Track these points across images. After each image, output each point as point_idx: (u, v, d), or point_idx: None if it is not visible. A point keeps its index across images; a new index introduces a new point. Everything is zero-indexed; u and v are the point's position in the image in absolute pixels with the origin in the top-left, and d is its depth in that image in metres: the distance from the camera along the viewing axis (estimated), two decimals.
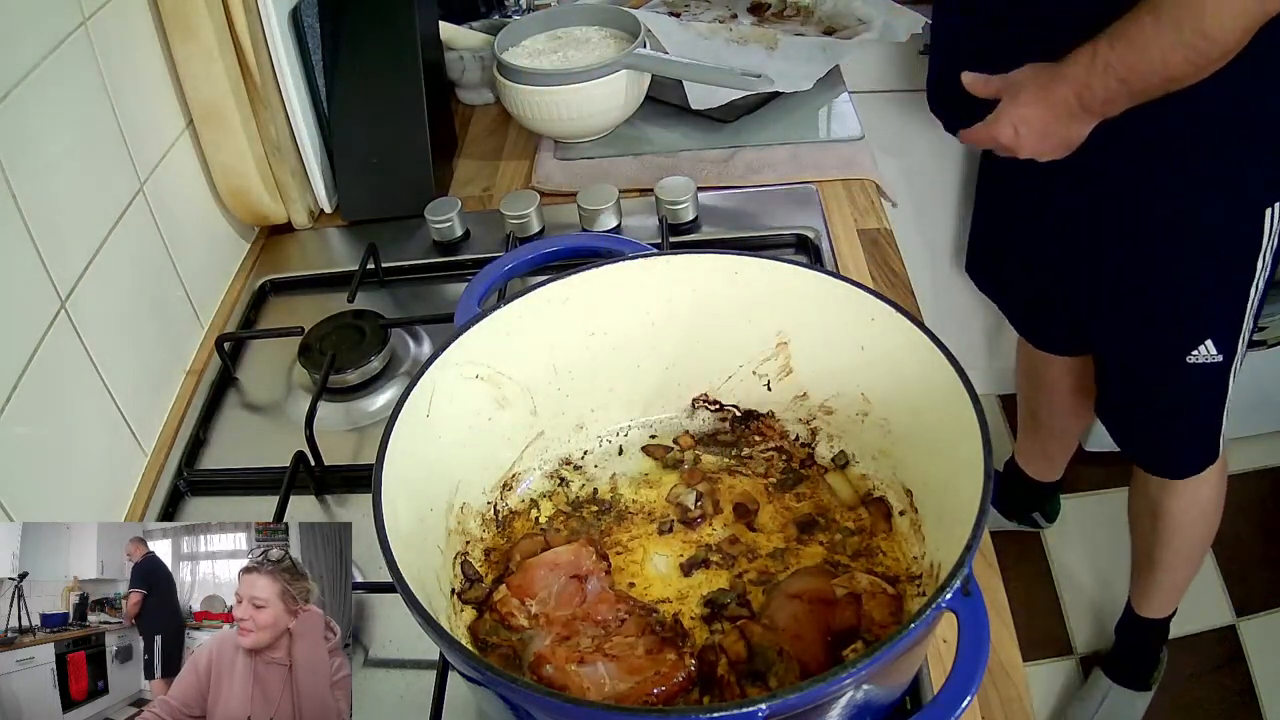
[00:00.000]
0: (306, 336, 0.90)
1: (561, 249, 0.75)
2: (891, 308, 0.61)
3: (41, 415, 0.70)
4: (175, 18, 0.88)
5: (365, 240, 1.01)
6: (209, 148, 0.96)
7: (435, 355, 0.61)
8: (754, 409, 0.71)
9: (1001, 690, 0.64)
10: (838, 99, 1.20)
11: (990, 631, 0.47)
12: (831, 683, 0.43)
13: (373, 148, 1.06)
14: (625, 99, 1.10)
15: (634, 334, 0.69)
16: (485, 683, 0.47)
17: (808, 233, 0.99)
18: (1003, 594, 0.69)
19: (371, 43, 1.04)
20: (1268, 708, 1.61)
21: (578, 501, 0.68)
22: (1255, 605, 1.73)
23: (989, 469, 0.50)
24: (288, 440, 0.81)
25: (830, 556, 0.63)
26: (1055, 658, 1.71)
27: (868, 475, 0.67)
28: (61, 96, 0.75)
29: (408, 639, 0.68)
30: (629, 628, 0.57)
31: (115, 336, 0.81)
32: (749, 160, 1.09)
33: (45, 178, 0.73)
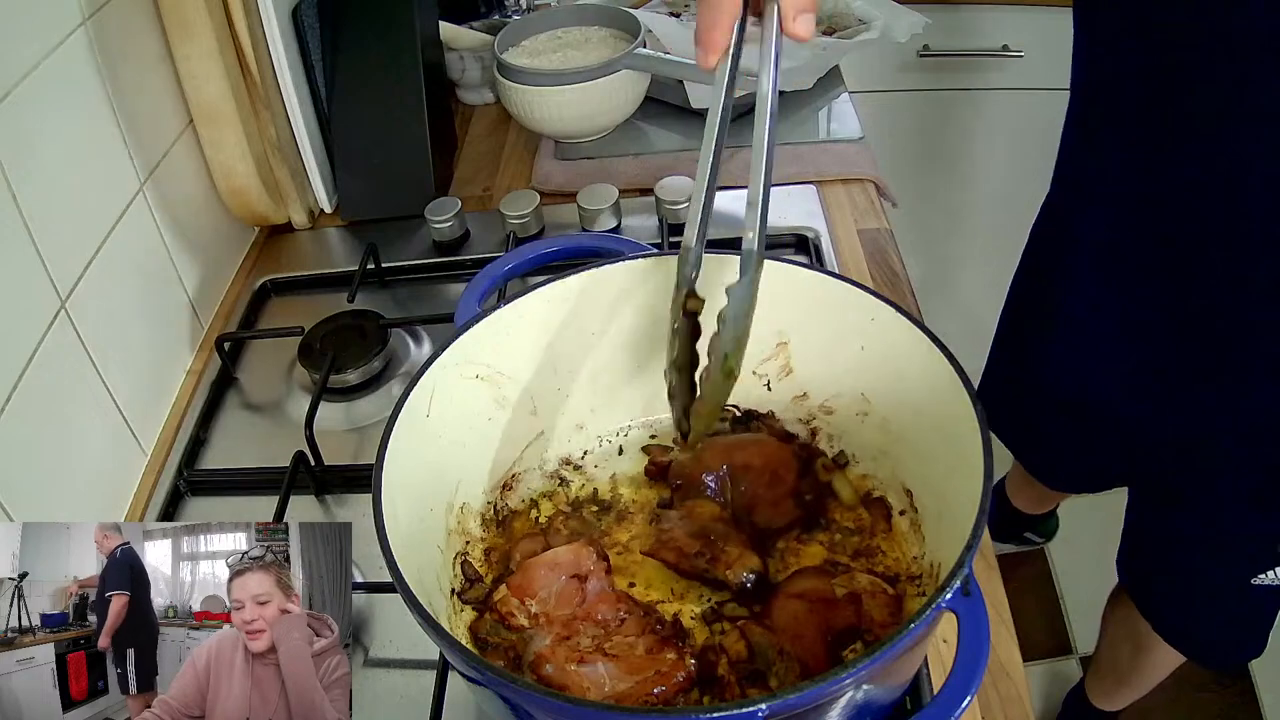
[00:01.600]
0: (306, 336, 0.89)
1: (561, 249, 0.75)
2: (891, 308, 0.61)
3: (41, 415, 0.70)
4: (175, 18, 0.88)
5: (365, 240, 1.01)
6: (209, 148, 0.96)
7: (435, 355, 0.61)
8: (754, 409, 0.71)
9: (1001, 690, 0.64)
10: (838, 99, 1.20)
11: (990, 631, 0.47)
12: (831, 683, 0.43)
13: (373, 148, 1.06)
14: (625, 99, 1.10)
15: (634, 334, 0.69)
16: (485, 683, 0.47)
17: (808, 233, 0.98)
18: (1003, 594, 0.69)
19: (371, 43, 1.04)
20: (1268, 708, 1.61)
21: (578, 501, 0.68)
22: None
23: (989, 469, 0.50)
24: (288, 440, 0.81)
25: (830, 556, 0.63)
26: (1055, 658, 1.71)
27: (868, 475, 0.67)
28: (61, 96, 0.75)
29: (408, 639, 0.68)
30: (629, 627, 0.57)
31: (115, 337, 0.81)
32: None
33: (45, 178, 0.73)
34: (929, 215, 1.78)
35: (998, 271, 1.86)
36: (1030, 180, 1.31)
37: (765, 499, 0.65)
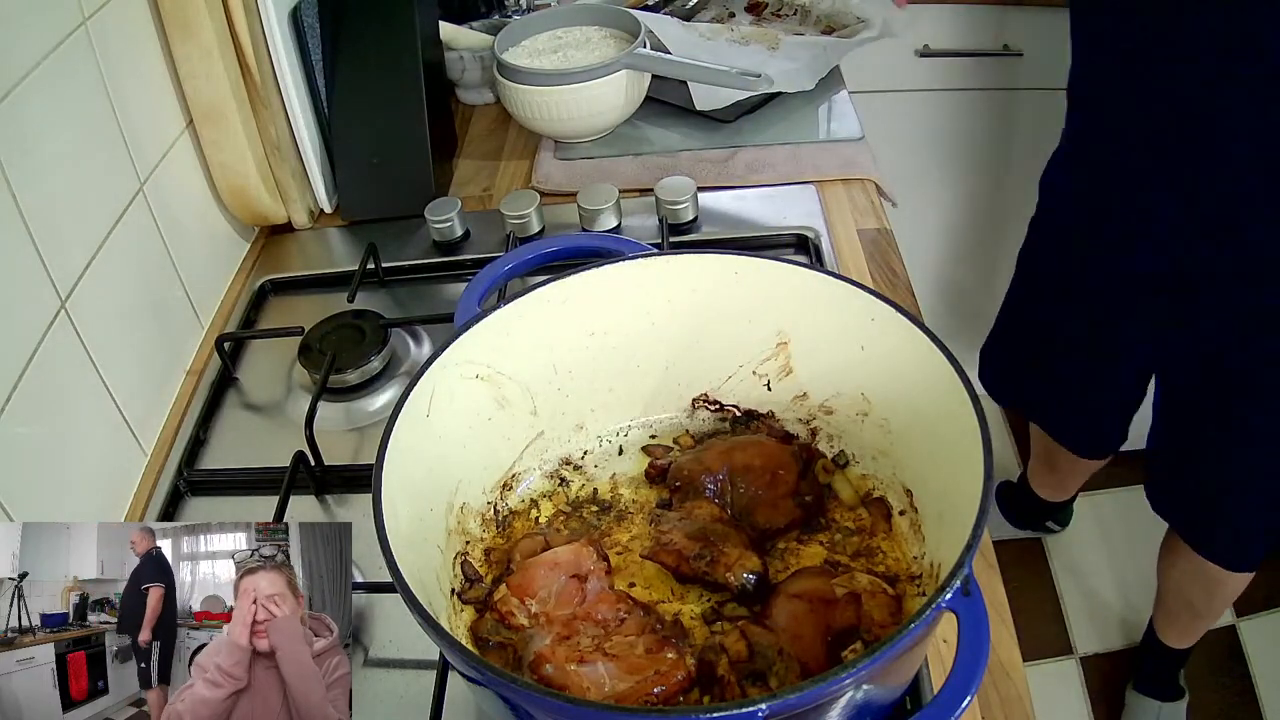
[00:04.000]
0: (306, 336, 0.89)
1: (561, 249, 0.75)
2: (891, 308, 0.61)
3: (41, 415, 0.70)
4: (175, 17, 0.88)
5: (365, 240, 1.01)
6: (209, 148, 0.96)
7: (435, 355, 0.61)
8: (754, 409, 0.71)
9: (1001, 690, 0.64)
10: (838, 99, 1.20)
11: (990, 631, 0.47)
12: (831, 683, 0.43)
13: (373, 148, 1.06)
14: (625, 99, 1.10)
15: (634, 334, 0.69)
16: (485, 683, 0.47)
17: (808, 233, 0.98)
18: (1003, 594, 0.69)
19: (371, 43, 1.04)
20: (1268, 708, 1.61)
21: (578, 501, 0.68)
22: (1255, 605, 1.73)
23: (989, 469, 0.50)
24: (288, 440, 0.81)
25: (830, 556, 0.63)
26: (1055, 658, 1.71)
27: (868, 475, 0.67)
28: (61, 96, 0.75)
29: (408, 639, 0.68)
30: (629, 627, 0.57)
31: (115, 336, 0.81)
32: (749, 160, 1.09)
33: (45, 178, 0.73)
34: (929, 215, 1.78)
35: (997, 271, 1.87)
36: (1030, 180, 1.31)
37: (765, 500, 0.65)
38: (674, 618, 0.59)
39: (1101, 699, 1.64)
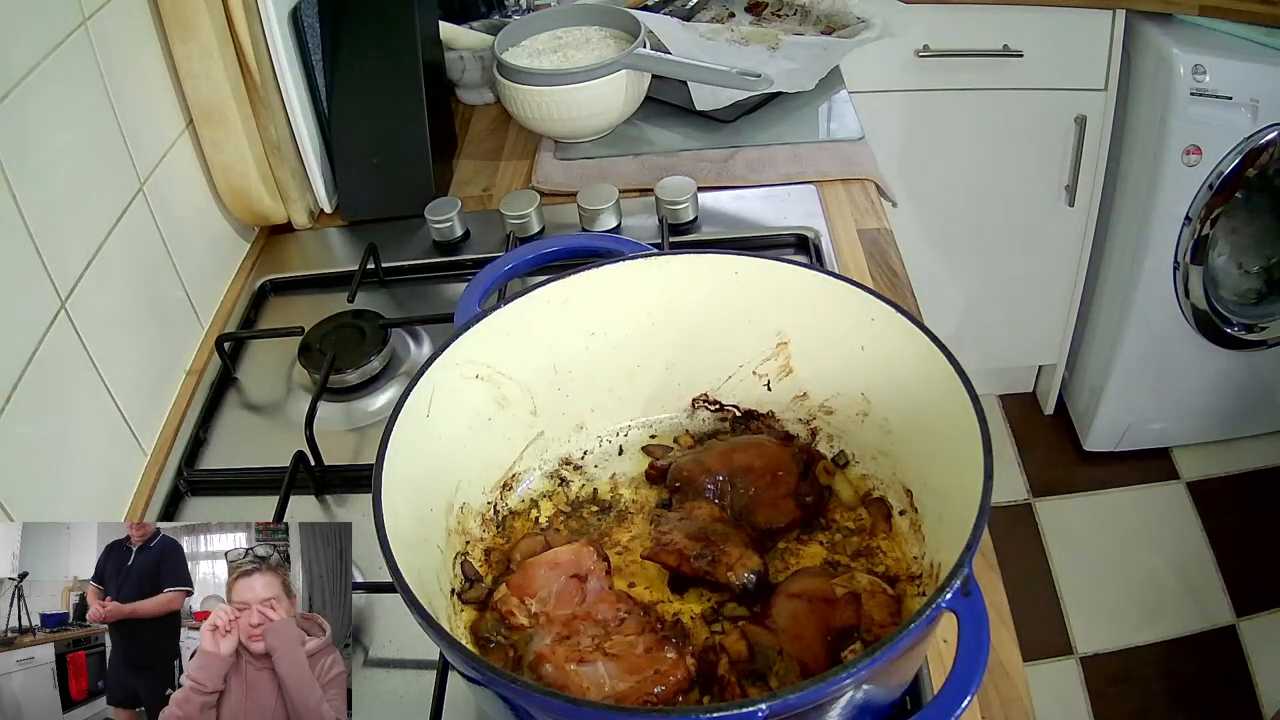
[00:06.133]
0: (306, 336, 0.89)
1: (561, 249, 0.75)
2: (891, 308, 0.61)
3: (41, 415, 0.70)
4: (175, 18, 0.88)
5: (365, 240, 1.01)
6: (209, 148, 0.96)
7: (435, 355, 0.61)
8: (754, 409, 0.71)
9: (1001, 690, 0.64)
10: (838, 99, 1.20)
11: (990, 631, 0.47)
12: (831, 683, 0.43)
13: (373, 148, 1.06)
14: (625, 99, 1.10)
15: (634, 334, 0.69)
16: (485, 683, 0.47)
17: (808, 233, 0.98)
18: (1003, 594, 0.69)
19: (371, 43, 1.04)
20: (1268, 708, 1.61)
21: (578, 501, 0.68)
22: (1255, 605, 1.73)
23: (989, 469, 0.50)
24: (288, 440, 0.81)
25: (830, 556, 0.63)
26: (1055, 658, 1.71)
27: (868, 475, 0.67)
28: (61, 96, 0.75)
29: (408, 639, 0.68)
30: (629, 627, 0.57)
31: (115, 336, 0.81)
32: (749, 160, 1.09)
33: (45, 178, 0.73)
34: (929, 215, 1.78)
35: (997, 271, 1.87)
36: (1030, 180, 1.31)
37: (765, 500, 0.65)
38: (674, 618, 0.59)
39: (1101, 699, 1.64)
